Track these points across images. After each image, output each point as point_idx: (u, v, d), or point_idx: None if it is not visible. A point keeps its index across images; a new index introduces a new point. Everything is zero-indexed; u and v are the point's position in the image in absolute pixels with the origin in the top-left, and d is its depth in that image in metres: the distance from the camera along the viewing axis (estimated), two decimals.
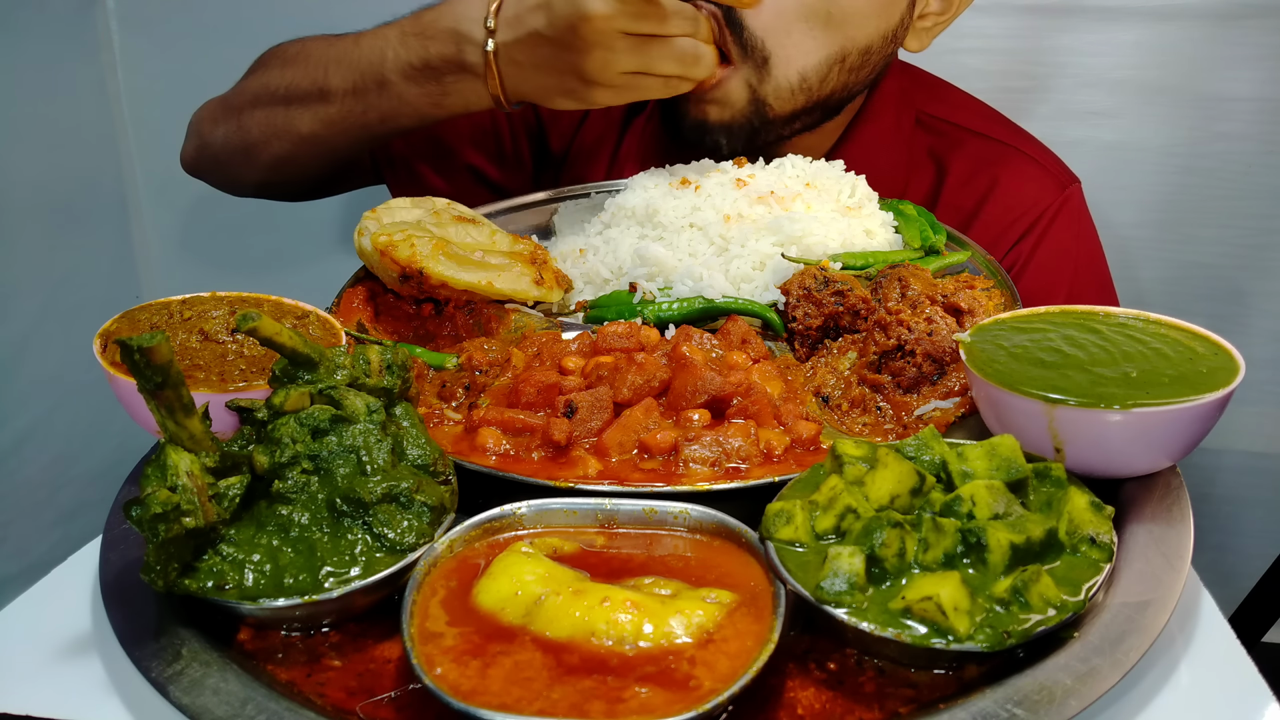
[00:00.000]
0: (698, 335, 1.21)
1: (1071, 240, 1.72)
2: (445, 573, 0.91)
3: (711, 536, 0.95)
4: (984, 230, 1.68)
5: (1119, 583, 0.90)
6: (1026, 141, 1.78)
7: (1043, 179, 1.73)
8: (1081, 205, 1.75)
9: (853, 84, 1.61)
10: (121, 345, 0.81)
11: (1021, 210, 1.70)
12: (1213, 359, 1.02)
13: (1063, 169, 1.77)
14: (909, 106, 1.77)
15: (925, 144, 1.77)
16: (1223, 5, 2.13)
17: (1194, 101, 2.21)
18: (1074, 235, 1.72)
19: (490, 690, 0.78)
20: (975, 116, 1.80)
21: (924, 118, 1.78)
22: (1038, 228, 1.69)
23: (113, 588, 0.94)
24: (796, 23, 1.51)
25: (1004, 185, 1.71)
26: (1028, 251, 1.69)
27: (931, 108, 1.78)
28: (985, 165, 1.73)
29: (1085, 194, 1.77)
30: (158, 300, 1.17)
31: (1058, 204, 1.71)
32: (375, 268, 1.37)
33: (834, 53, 1.55)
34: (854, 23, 1.54)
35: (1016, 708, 0.78)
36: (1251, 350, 1.09)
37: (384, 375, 1.02)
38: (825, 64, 1.55)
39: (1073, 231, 1.72)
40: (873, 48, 1.58)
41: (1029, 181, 1.72)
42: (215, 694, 0.81)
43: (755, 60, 1.52)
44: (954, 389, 1.15)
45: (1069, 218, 1.71)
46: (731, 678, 0.78)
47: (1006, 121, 1.82)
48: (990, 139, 1.76)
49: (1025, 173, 1.73)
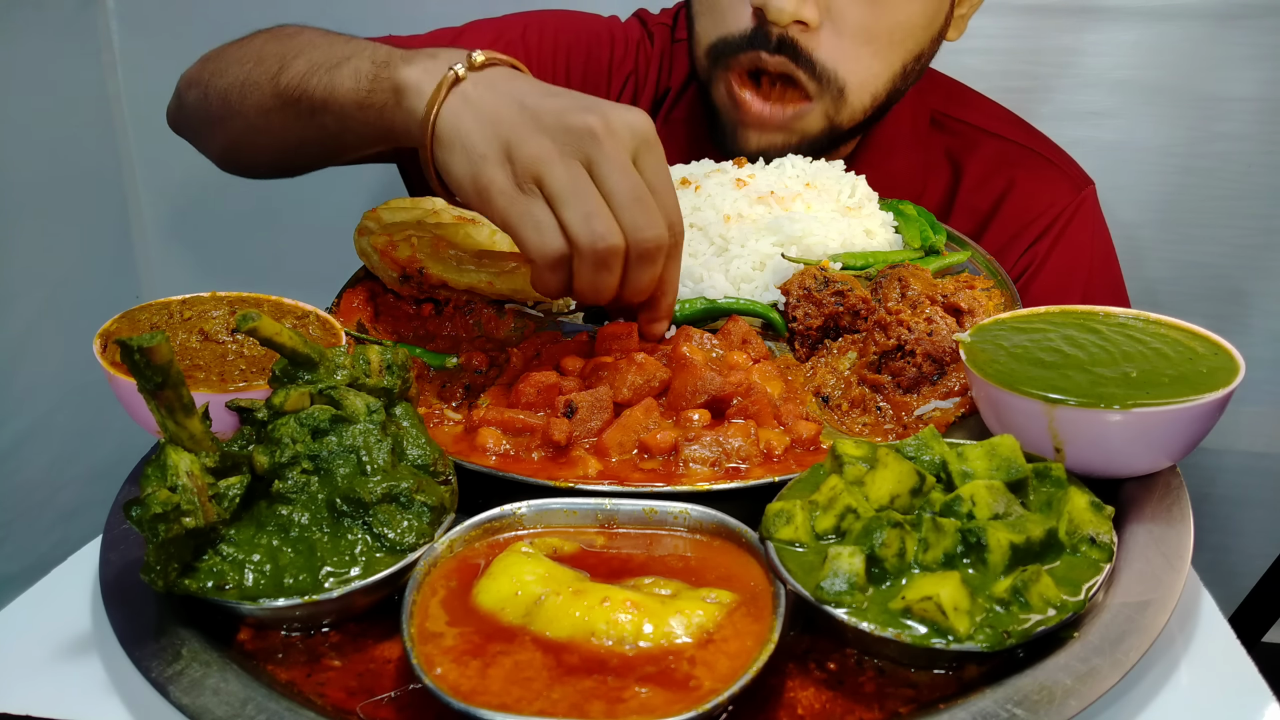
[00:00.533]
0: (698, 335, 1.21)
1: (1087, 242, 1.72)
2: (445, 573, 0.91)
3: (711, 536, 0.95)
4: (1000, 232, 1.69)
5: (1119, 583, 0.90)
6: (1042, 143, 1.79)
7: (1059, 181, 1.74)
8: (1096, 207, 1.75)
9: (904, 89, 1.63)
10: (121, 345, 0.81)
11: (1038, 212, 1.70)
12: (1213, 359, 1.02)
13: (1078, 171, 1.77)
14: (924, 107, 1.78)
15: (942, 145, 1.78)
16: (1223, 5, 2.13)
17: (1194, 101, 2.21)
18: (1089, 237, 1.73)
19: (490, 690, 0.78)
20: (991, 118, 1.80)
21: (939, 118, 1.78)
22: (1054, 229, 1.70)
23: (113, 588, 0.94)
24: (862, 48, 1.50)
25: (1021, 187, 1.72)
26: (1044, 253, 1.69)
27: (947, 108, 1.79)
28: (1002, 167, 1.74)
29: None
30: (158, 300, 1.17)
31: (1074, 206, 1.71)
32: (375, 268, 1.37)
33: (898, 69, 1.57)
34: (913, 36, 1.55)
35: (1016, 708, 0.78)
36: (1251, 350, 1.09)
37: (384, 375, 1.02)
38: (891, 81, 1.57)
39: (1088, 233, 1.73)
40: (924, 53, 1.60)
41: (1045, 183, 1.73)
42: (215, 694, 0.81)
43: (832, 92, 1.53)
44: (954, 389, 1.15)
45: (1085, 219, 1.72)
46: (731, 678, 0.78)
47: (1022, 123, 1.82)
48: (1007, 140, 1.76)
49: (1042, 175, 1.73)
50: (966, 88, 1.86)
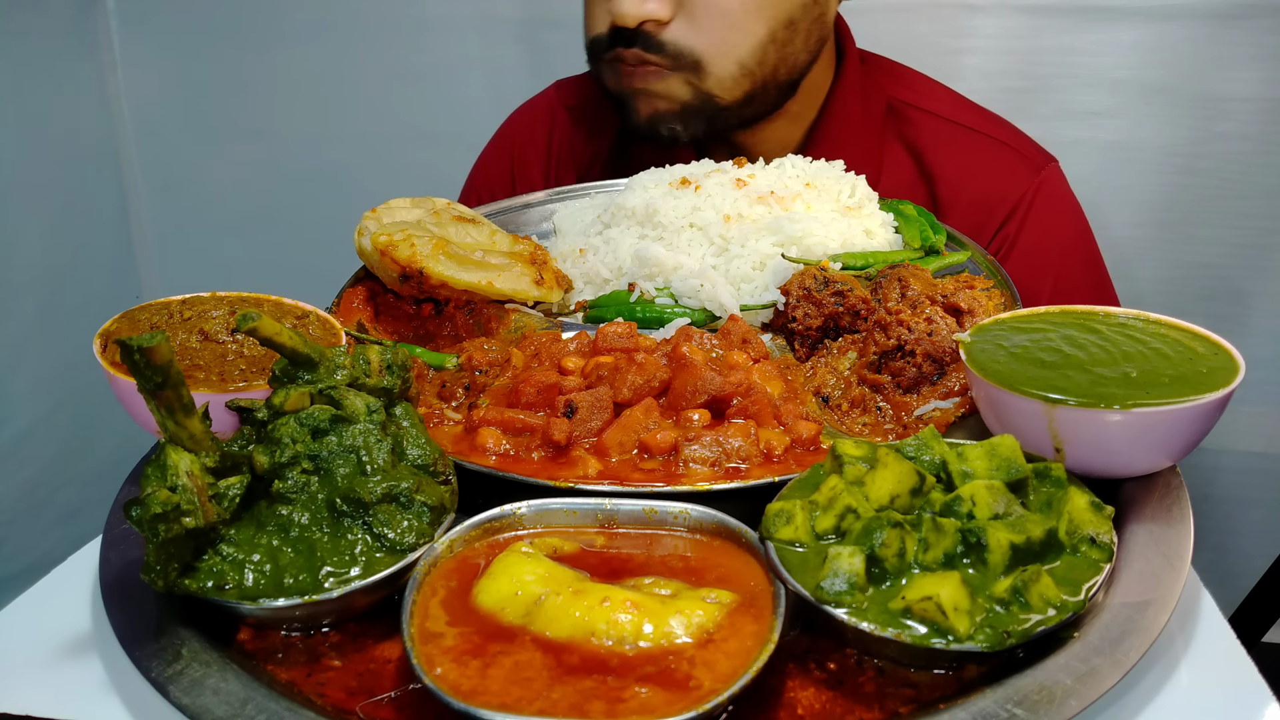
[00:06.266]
0: (698, 335, 1.21)
1: (1053, 222, 1.71)
2: (445, 573, 0.91)
3: (711, 536, 0.95)
4: (962, 220, 1.68)
5: (1119, 583, 0.90)
6: (997, 126, 1.78)
7: (1015, 164, 1.73)
8: (1060, 185, 1.74)
9: (793, 55, 1.65)
10: (121, 345, 0.81)
11: (999, 198, 1.70)
12: (1213, 359, 1.02)
13: (1036, 150, 1.76)
14: (878, 93, 1.78)
15: (896, 131, 1.78)
16: (1223, 5, 2.13)
17: (1194, 101, 2.21)
18: (1055, 216, 1.72)
19: (490, 690, 0.78)
20: (944, 104, 1.80)
21: (895, 103, 1.78)
22: (1017, 214, 1.70)
23: (113, 588, 0.94)
24: (716, 22, 1.56)
25: (977, 173, 1.72)
26: (1012, 235, 1.69)
27: (901, 94, 1.79)
28: (957, 154, 1.74)
29: (1085, 194, 1.76)
30: (158, 300, 1.17)
31: (1034, 188, 1.70)
32: (375, 268, 1.37)
33: (764, 36, 1.59)
34: (771, 6, 1.58)
35: (1016, 708, 0.78)
36: (1251, 350, 1.09)
37: (384, 375, 1.02)
38: (758, 48, 1.60)
39: (1053, 211, 1.72)
40: (795, 19, 1.62)
41: (1002, 168, 1.72)
42: (215, 694, 0.81)
43: (687, 66, 1.59)
44: (954, 389, 1.15)
45: (1047, 200, 1.71)
46: (731, 678, 0.78)
47: (975, 107, 1.81)
48: (961, 125, 1.76)
49: (998, 159, 1.73)
50: (919, 74, 1.85)
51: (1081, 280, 1.71)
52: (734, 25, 1.57)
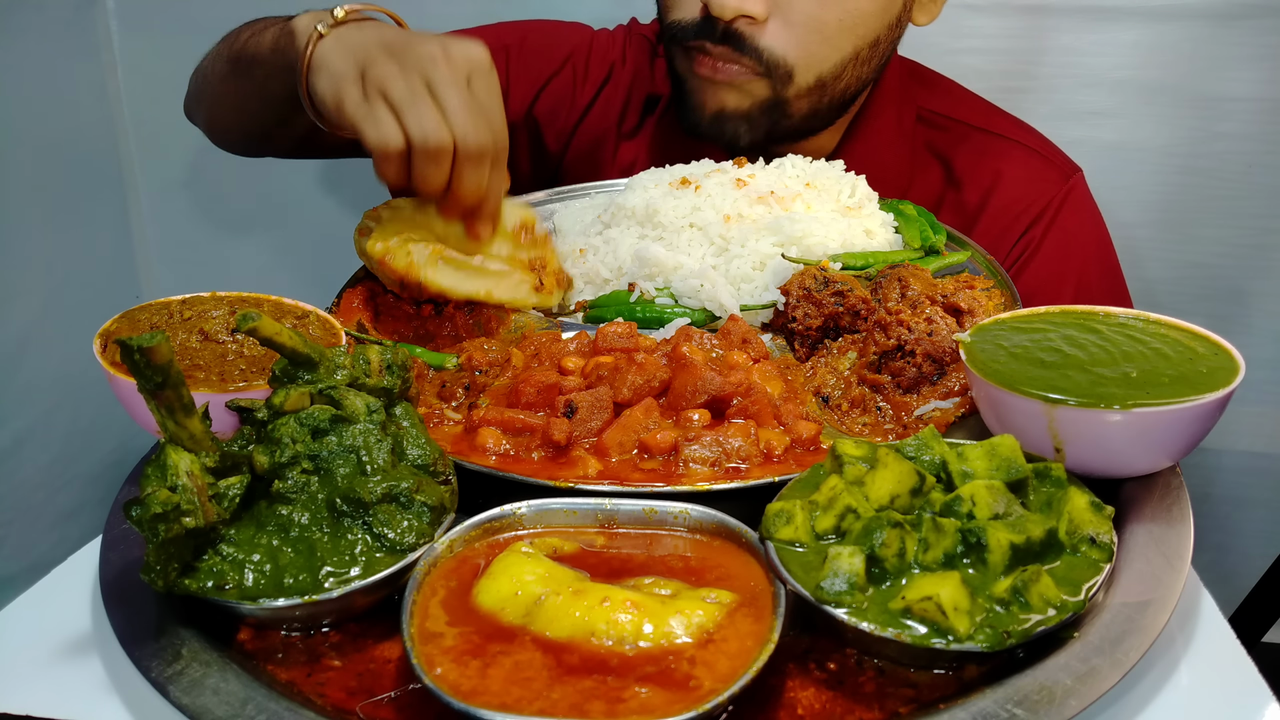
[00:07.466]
0: (698, 335, 1.21)
1: (1078, 229, 1.73)
2: (445, 573, 0.91)
3: (711, 536, 0.95)
4: (990, 225, 1.69)
5: (1119, 583, 0.90)
6: (1027, 134, 1.80)
7: (1045, 170, 1.75)
8: (1085, 194, 1.76)
9: (864, 76, 1.65)
10: (121, 345, 0.81)
11: (1027, 203, 1.71)
12: (1213, 359, 1.02)
13: (1064, 159, 1.78)
14: (910, 102, 1.79)
15: (926, 139, 1.79)
16: (1223, 5, 2.13)
17: (1194, 101, 2.21)
18: (1080, 224, 1.74)
19: (490, 690, 0.78)
20: (975, 111, 1.81)
21: (925, 113, 1.80)
22: (1044, 219, 1.71)
23: (113, 588, 0.94)
24: (811, 36, 1.55)
25: (1007, 179, 1.73)
26: (1036, 241, 1.70)
27: (932, 103, 1.80)
28: (987, 160, 1.75)
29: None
30: (158, 300, 1.17)
31: (1062, 194, 1.72)
32: (375, 269, 1.36)
33: (849, 53, 1.59)
34: (865, 23, 1.58)
35: (1016, 708, 0.78)
36: (1251, 350, 1.09)
37: (384, 375, 1.02)
38: (841, 64, 1.59)
39: (1078, 220, 1.73)
40: (880, 39, 1.62)
41: (1032, 174, 1.74)
42: (215, 694, 0.81)
43: (777, 75, 1.57)
44: (954, 389, 1.15)
45: (1074, 207, 1.73)
46: (731, 678, 0.78)
47: (1006, 115, 1.83)
48: (991, 133, 1.77)
49: (1028, 165, 1.75)
50: (950, 81, 1.87)
51: (1100, 288, 1.72)
52: (826, 39, 1.56)
